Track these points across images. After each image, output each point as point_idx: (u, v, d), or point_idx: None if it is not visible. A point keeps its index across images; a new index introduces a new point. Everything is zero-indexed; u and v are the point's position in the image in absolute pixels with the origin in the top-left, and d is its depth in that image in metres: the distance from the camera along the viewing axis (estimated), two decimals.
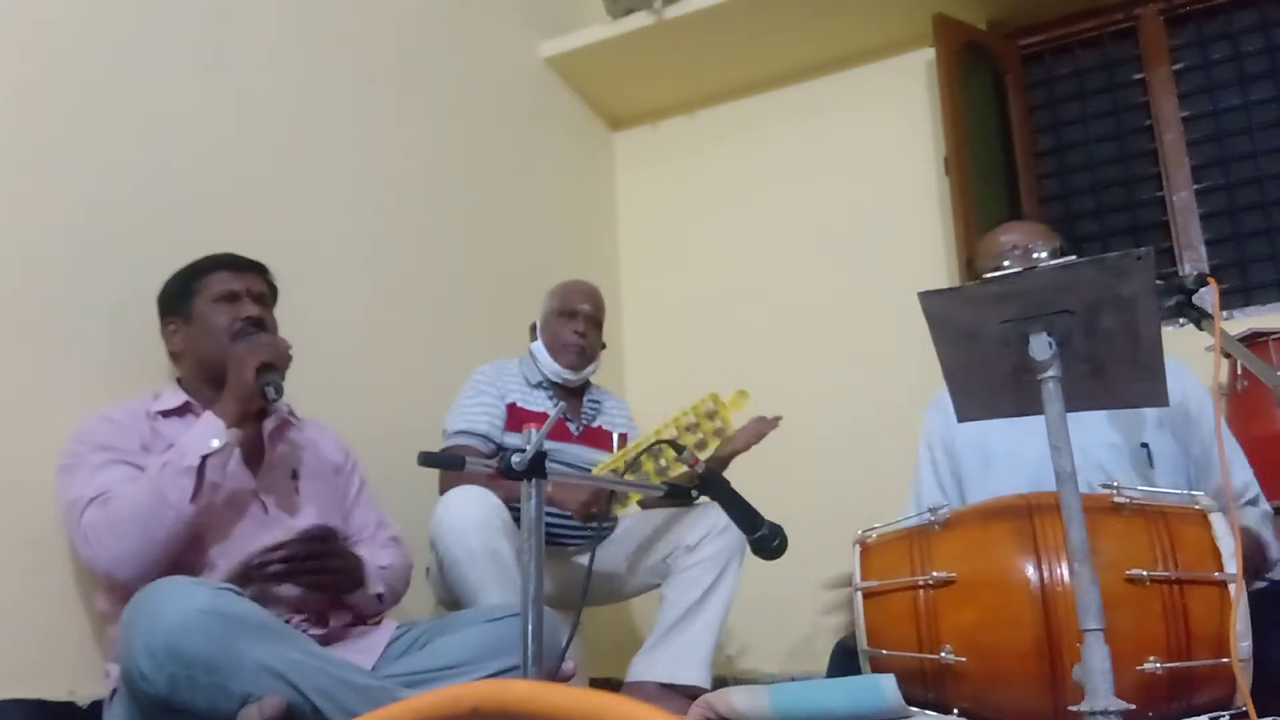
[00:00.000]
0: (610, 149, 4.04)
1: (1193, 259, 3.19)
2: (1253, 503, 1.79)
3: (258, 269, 1.97)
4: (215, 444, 1.71)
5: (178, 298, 1.92)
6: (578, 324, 2.52)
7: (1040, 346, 1.26)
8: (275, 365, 1.80)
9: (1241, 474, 1.81)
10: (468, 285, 3.07)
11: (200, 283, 1.90)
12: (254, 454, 1.87)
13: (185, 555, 1.71)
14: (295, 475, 1.93)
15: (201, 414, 1.81)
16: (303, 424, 2.01)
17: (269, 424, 1.90)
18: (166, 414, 1.84)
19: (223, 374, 1.81)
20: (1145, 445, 1.84)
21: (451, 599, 2.24)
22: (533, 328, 2.60)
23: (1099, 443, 1.84)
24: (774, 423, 2.40)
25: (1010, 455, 1.89)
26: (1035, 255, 1.80)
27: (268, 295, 1.97)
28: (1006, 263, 1.48)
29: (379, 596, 1.91)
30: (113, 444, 1.75)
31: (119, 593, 1.73)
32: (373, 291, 2.71)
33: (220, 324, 1.87)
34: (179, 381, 1.93)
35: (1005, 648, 1.38)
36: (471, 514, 2.11)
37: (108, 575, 1.66)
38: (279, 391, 1.78)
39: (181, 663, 1.44)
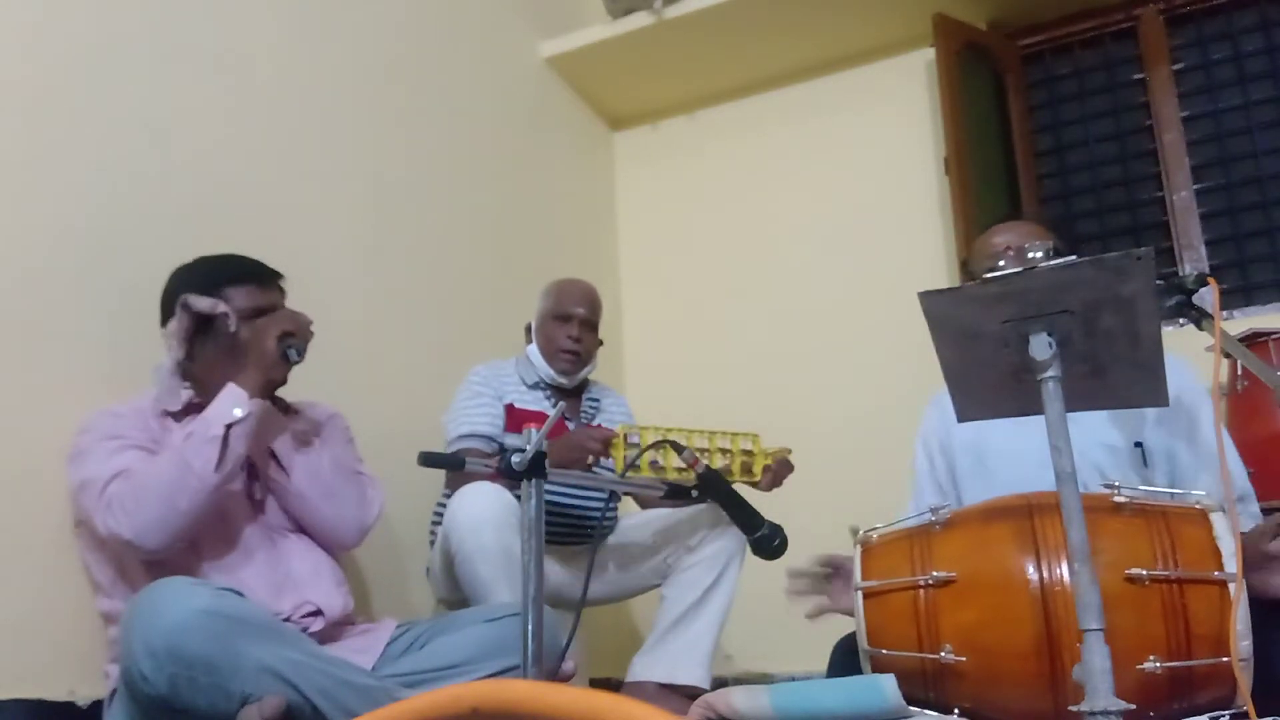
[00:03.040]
0: (610, 149, 4.04)
1: (1193, 259, 3.19)
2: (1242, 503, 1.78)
3: (277, 279, 1.96)
4: (239, 413, 1.72)
5: None
6: (572, 329, 2.50)
7: (1040, 346, 1.25)
8: (296, 335, 1.82)
9: (1237, 479, 1.80)
10: (467, 285, 3.07)
11: (225, 293, 1.88)
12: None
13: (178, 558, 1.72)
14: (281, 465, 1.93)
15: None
16: (300, 415, 2.01)
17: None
18: (176, 415, 1.85)
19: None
20: (1139, 445, 1.84)
21: (453, 597, 2.24)
22: (528, 329, 2.59)
23: (1095, 443, 1.84)
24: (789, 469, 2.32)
25: (1007, 455, 1.89)
26: (1030, 255, 1.80)
27: (283, 305, 1.96)
28: (1001, 264, 1.48)
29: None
30: (122, 433, 1.76)
31: (119, 593, 1.73)
32: (372, 291, 2.71)
33: (243, 340, 1.85)
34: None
35: (1005, 647, 1.38)
36: (487, 510, 2.10)
37: (130, 545, 1.65)
38: (301, 354, 1.81)
39: (182, 663, 1.44)
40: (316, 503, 1.89)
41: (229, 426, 1.70)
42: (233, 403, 1.73)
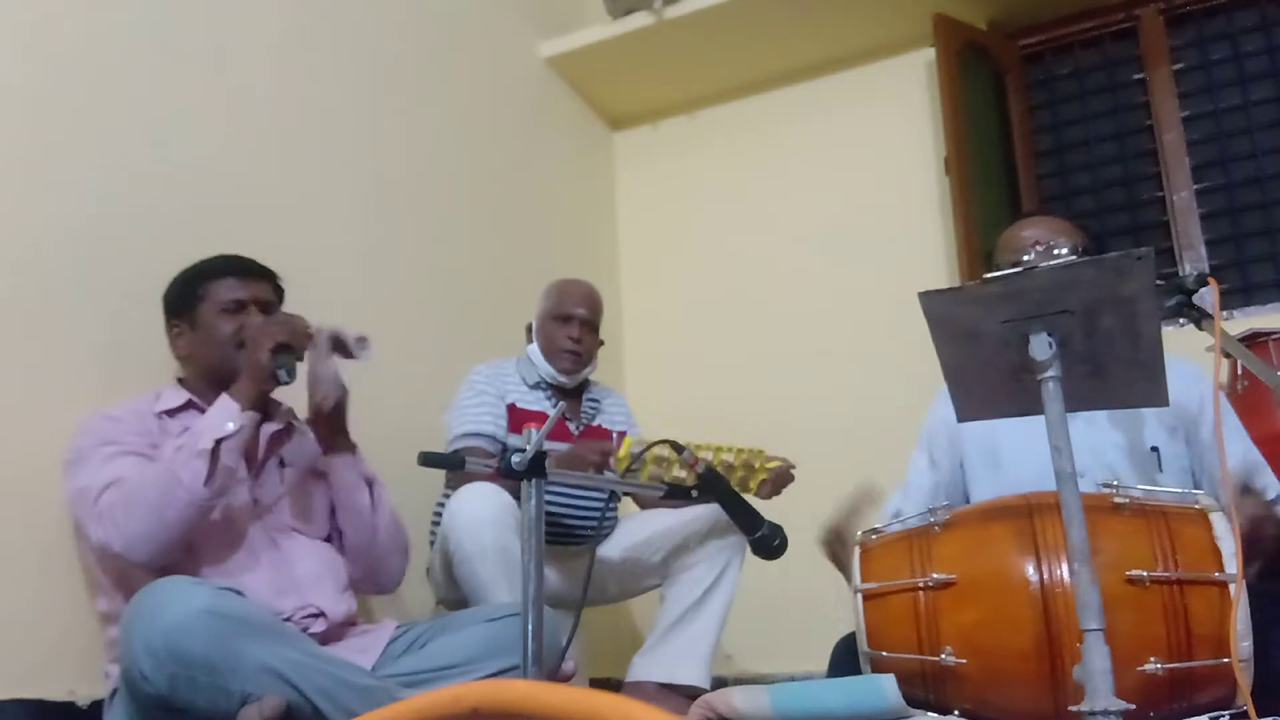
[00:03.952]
0: (610, 149, 4.03)
1: (1193, 259, 3.19)
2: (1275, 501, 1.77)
3: (266, 275, 1.95)
4: (230, 427, 1.70)
5: (183, 300, 1.91)
6: (572, 329, 2.49)
7: (1040, 346, 1.26)
8: (291, 346, 1.78)
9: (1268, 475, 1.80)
10: (467, 285, 3.07)
11: (207, 288, 1.89)
12: (250, 452, 1.87)
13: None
14: (283, 465, 1.93)
15: (204, 410, 1.82)
16: (304, 427, 2.02)
17: (267, 428, 1.90)
18: (171, 413, 1.85)
19: (227, 382, 1.81)
20: (1155, 449, 1.83)
21: (453, 597, 2.24)
22: (529, 328, 2.59)
23: (1109, 444, 1.84)
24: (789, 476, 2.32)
25: (1019, 452, 1.88)
26: (1056, 251, 1.80)
27: (275, 303, 1.95)
28: (1027, 257, 1.47)
29: (369, 482, 1.95)
30: (119, 438, 1.75)
31: (120, 593, 1.73)
32: (372, 291, 2.71)
33: (225, 334, 1.86)
34: (180, 381, 1.93)
35: (1005, 648, 1.38)
36: (486, 510, 2.10)
37: (120, 556, 1.65)
38: (291, 375, 1.77)
39: (182, 663, 1.44)
40: (371, 562, 1.96)
41: (219, 441, 1.68)
42: (224, 416, 1.71)
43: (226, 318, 1.87)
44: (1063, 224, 1.94)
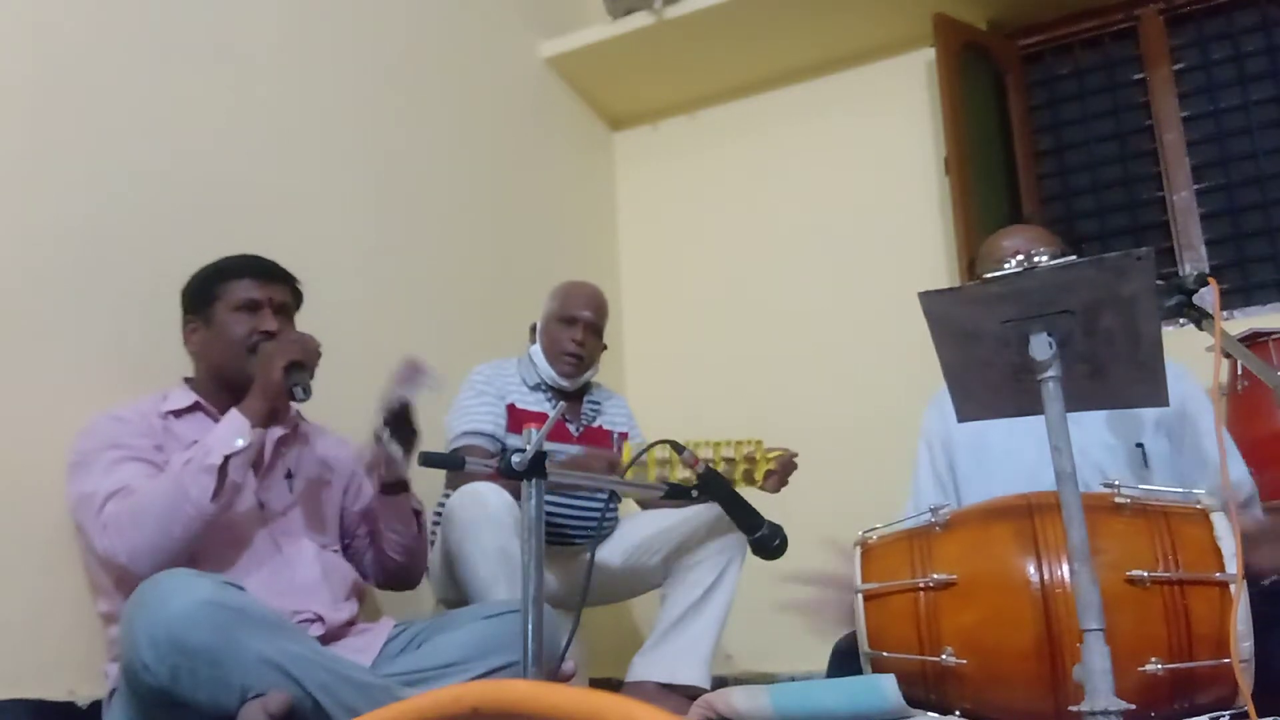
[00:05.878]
0: (610, 149, 4.03)
1: (1193, 259, 3.19)
2: (1244, 505, 1.78)
3: (284, 278, 1.94)
4: (240, 443, 1.70)
5: (200, 298, 1.90)
6: (576, 332, 2.48)
7: (1040, 346, 1.26)
8: (304, 364, 1.78)
9: (1237, 471, 1.80)
10: (467, 285, 3.07)
11: (224, 287, 1.88)
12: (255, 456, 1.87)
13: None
14: (290, 475, 1.93)
15: (212, 413, 1.83)
16: (310, 429, 2.01)
17: (274, 431, 1.89)
18: (177, 414, 1.84)
19: (234, 382, 1.82)
20: (1140, 445, 1.84)
21: (453, 597, 2.24)
22: (533, 328, 2.59)
23: (1096, 443, 1.84)
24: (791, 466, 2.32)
25: (1008, 454, 1.89)
26: (1036, 260, 1.81)
27: (290, 305, 1.94)
28: (1008, 267, 1.49)
29: (417, 512, 2.03)
30: (125, 442, 1.75)
31: (120, 594, 1.73)
32: (372, 291, 2.71)
33: (237, 334, 1.85)
34: (187, 381, 1.93)
35: (1006, 648, 1.38)
36: (485, 510, 2.10)
37: (125, 568, 1.64)
38: (307, 392, 1.77)
39: (184, 653, 1.43)
40: (407, 573, 2.07)
41: (228, 456, 1.68)
42: (234, 432, 1.71)
43: (240, 317, 1.86)
44: (1042, 233, 1.96)
